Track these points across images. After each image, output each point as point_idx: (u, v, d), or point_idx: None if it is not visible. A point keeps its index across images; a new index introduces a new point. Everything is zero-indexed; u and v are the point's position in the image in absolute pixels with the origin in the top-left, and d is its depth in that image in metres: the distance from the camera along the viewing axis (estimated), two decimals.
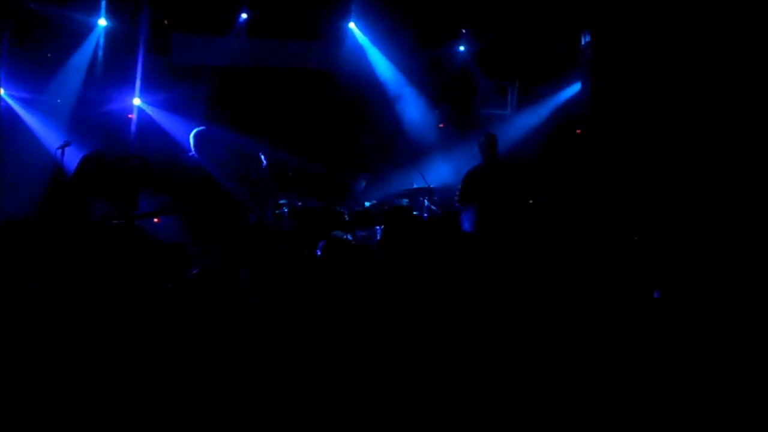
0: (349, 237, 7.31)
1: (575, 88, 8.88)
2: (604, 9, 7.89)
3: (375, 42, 9.02)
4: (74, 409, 3.16)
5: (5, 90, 7.68)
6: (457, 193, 6.73)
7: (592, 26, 8.28)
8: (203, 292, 5.56)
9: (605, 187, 7.33)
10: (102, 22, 8.16)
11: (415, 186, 8.07)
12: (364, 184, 7.98)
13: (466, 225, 6.63)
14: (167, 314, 5.08)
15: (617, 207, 7.03)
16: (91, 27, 8.17)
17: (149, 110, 8.59)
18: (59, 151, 5.85)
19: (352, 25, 8.95)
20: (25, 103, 7.91)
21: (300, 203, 7.77)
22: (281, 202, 7.71)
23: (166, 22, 8.61)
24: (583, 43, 8.54)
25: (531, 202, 7.25)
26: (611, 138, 7.53)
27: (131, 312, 4.68)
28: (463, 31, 8.97)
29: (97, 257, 5.08)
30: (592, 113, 8.04)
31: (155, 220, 6.77)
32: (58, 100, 8.12)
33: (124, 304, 4.80)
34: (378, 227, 7.63)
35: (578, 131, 8.58)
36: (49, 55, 8.06)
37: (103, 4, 8.09)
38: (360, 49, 9.04)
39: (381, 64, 9.11)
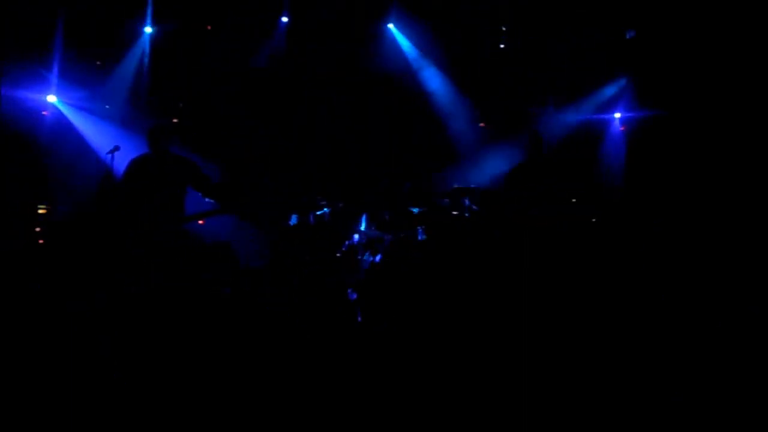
0: (389, 237, 7.34)
1: (620, 84, 8.71)
2: (649, 3, 7.72)
3: (414, 42, 9.03)
4: (74, 409, 3.18)
5: (58, 97, 7.96)
6: (500, 191, 6.68)
7: (637, 20, 8.11)
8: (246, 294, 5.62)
9: (651, 185, 7.17)
10: (148, 29, 8.38)
11: (456, 186, 8.04)
12: (407, 186, 8.00)
13: (508, 223, 6.56)
14: (212, 314, 5.15)
15: (662, 205, 6.87)
16: (138, 34, 8.40)
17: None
18: (109, 156, 6.03)
19: (391, 26, 8.98)
20: (76, 109, 8.18)
21: (341, 204, 7.84)
22: (322, 203, 7.80)
23: (209, 27, 8.79)
24: (627, 38, 8.37)
25: (574, 201, 7.13)
26: (656, 135, 7.36)
27: (170, 311, 4.76)
28: (503, 28, 8.88)
29: (145, 258, 5.18)
30: (636, 110, 7.88)
31: (200, 222, 6.92)
32: (107, 107, 8.37)
33: (168, 304, 4.88)
34: (419, 228, 7.63)
35: (622, 128, 8.42)
36: (98, 62, 8.32)
37: (149, 12, 8.30)
38: (399, 49, 9.06)
39: (421, 64, 9.11)
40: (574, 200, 7.30)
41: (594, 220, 7.25)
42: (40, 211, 7.39)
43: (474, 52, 9.03)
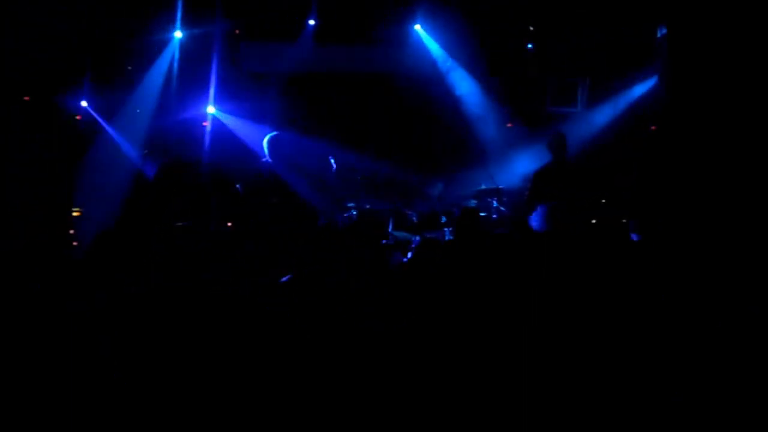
0: (417, 238, 7.34)
1: (650, 83, 8.57)
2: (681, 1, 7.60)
3: (440, 43, 9.02)
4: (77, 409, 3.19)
5: (88, 103, 8.12)
6: (526, 192, 6.64)
7: (668, 17, 7.97)
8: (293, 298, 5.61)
9: (680, 186, 7.05)
10: (178, 34, 8.49)
11: (483, 187, 8.02)
12: (440, 187, 8.00)
13: (535, 224, 6.52)
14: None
15: (694, 207, 6.75)
16: (167, 39, 8.52)
17: (223, 117, 8.88)
18: (141, 160, 6.11)
19: (417, 27, 8.98)
20: (107, 114, 8.34)
21: (368, 205, 7.86)
22: (349, 204, 7.83)
23: (237, 31, 8.88)
24: (658, 35, 8.24)
25: (603, 201, 7.06)
26: (688, 135, 7.24)
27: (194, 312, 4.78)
28: (531, 28, 8.82)
29: (173, 259, 5.24)
30: (667, 109, 7.75)
31: (228, 224, 6.99)
32: (137, 110, 8.51)
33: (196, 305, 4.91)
34: (447, 229, 7.62)
35: (652, 128, 8.29)
36: (129, 67, 8.47)
37: (179, 17, 8.40)
38: (425, 51, 9.05)
39: (448, 65, 9.09)
40: (603, 201, 7.23)
41: (624, 221, 7.16)
42: (75, 214, 7.54)
43: (501, 51, 8.98)
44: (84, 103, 8.06)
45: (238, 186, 6.80)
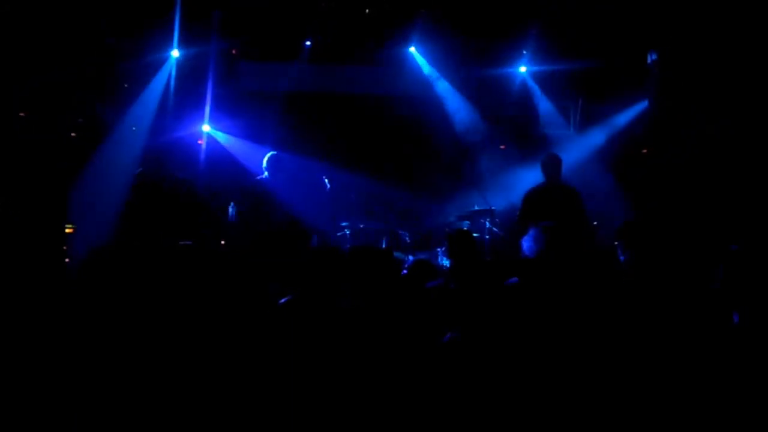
0: (410, 258, 7.35)
1: (641, 106, 8.67)
2: (671, 26, 7.71)
3: (435, 66, 9.12)
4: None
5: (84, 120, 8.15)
6: (517, 213, 6.64)
7: (659, 43, 8.09)
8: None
9: (672, 208, 7.11)
10: (175, 53, 8.55)
11: (476, 208, 8.05)
12: (430, 207, 8.06)
13: (526, 247, 6.50)
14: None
15: (686, 229, 6.80)
16: (164, 58, 8.58)
17: (218, 136, 8.93)
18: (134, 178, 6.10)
19: (412, 49, 9.07)
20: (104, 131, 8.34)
21: (362, 225, 7.88)
22: (343, 224, 7.84)
23: (234, 51, 8.95)
24: (649, 60, 8.35)
25: (595, 224, 7.08)
26: (679, 158, 7.32)
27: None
28: (524, 52, 8.94)
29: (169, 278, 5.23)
30: (659, 133, 7.85)
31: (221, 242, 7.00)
32: (133, 128, 8.53)
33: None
34: (439, 249, 7.64)
35: (644, 151, 8.37)
36: (125, 85, 8.51)
37: (176, 36, 8.47)
38: (420, 73, 9.15)
39: (442, 87, 9.19)
40: (595, 223, 7.25)
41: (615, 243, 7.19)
42: (67, 231, 7.53)
43: (495, 76, 9.09)
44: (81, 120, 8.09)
45: (231, 204, 6.83)
